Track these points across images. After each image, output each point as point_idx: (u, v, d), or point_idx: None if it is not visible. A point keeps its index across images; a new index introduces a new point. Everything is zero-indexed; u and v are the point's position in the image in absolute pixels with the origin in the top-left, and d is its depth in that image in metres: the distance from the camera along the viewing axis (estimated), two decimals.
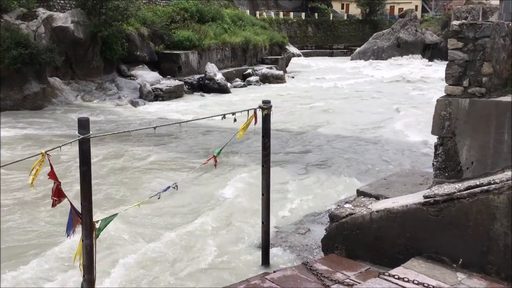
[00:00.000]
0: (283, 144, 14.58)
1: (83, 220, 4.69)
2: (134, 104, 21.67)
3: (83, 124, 4.53)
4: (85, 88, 22.35)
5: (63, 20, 22.29)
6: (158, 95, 23.27)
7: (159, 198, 5.87)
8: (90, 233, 4.73)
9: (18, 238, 7.80)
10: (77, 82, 22.53)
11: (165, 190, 5.83)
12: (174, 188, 5.86)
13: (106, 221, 5.03)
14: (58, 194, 4.52)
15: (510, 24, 6.19)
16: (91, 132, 4.58)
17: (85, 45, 22.55)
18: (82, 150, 4.56)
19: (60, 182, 4.52)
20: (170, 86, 24.10)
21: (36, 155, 4.34)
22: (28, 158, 4.50)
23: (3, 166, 4.52)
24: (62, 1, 27.30)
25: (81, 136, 4.50)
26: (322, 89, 28.89)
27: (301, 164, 12.51)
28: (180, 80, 25.49)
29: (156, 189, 8.52)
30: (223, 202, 9.45)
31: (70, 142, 4.58)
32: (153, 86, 23.50)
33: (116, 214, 5.26)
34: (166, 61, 26.48)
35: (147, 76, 24.32)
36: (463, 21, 5.70)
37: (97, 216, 5.12)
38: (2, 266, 6.68)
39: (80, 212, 4.69)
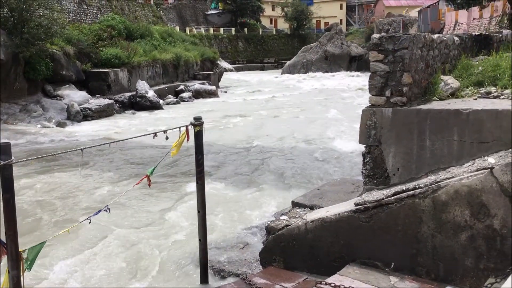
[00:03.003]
0: (219, 159, 14.56)
1: (8, 250, 4.44)
2: (62, 125, 20.87)
3: (4, 150, 4.31)
4: (8, 111, 21.26)
5: None
6: (87, 115, 22.57)
7: (90, 222, 5.67)
8: (16, 263, 4.49)
9: None
10: None
11: (96, 214, 5.64)
12: (106, 211, 5.68)
13: (34, 250, 4.79)
14: None
15: (427, 36, 6.56)
16: (13, 158, 4.37)
17: (6, 66, 21.49)
18: (4, 177, 4.34)
19: None
20: (99, 105, 23.47)
21: None
22: None
23: None
24: None
25: (3, 162, 4.28)
26: (255, 103, 29.22)
27: (238, 178, 12.54)
28: (110, 99, 24.89)
29: (87, 212, 8.23)
30: (160, 221, 9.28)
31: None
32: (82, 106, 22.77)
33: (44, 242, 5.01)
34: (95, 79, 25.76)
35: (74, 95, 23.53)
36: (383, 34, 5.97)
37: (25, 245, 4.86)
38: None
39: (5, 242, 4.45)
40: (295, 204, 7.22)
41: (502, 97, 6.02)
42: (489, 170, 4.67)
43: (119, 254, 7.77)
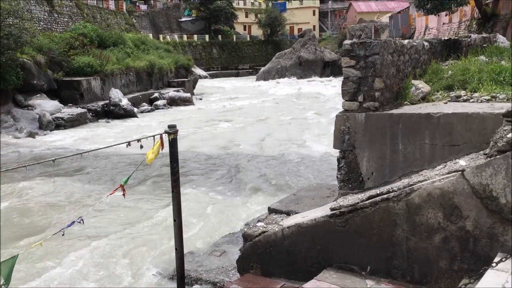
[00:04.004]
0: (194, 167, 14.48)
1: None
2: (33, 135, 20.47)
3: None
4: None
5: None
6: (60, 125, 22.23)
7: (63, 234, 5.55)
8: None
9: None
10: None
11: (69, 226, 5.53)
12: (79, 222, 5.57)
13: (7, 264, 4.66)
14: None
15: (397, 41, 6.66)
16: None
17: None
18: None
19: None
20: (72, 115, 23.15)
21: None
22: None
23: None
24: None
25: None
26: (230, 110, 29.20)
27: (214, 186, 12.50)
28: (82, 108, 24.58)
29: (60, 224, 8.07)
30: (135, 230, 9.18)
31: None
32: (54, 116, 22.41)
33: (16, 256, 4.89)
34: (67, 88, 25.40)
35: (46, 105, 23.13)
36: (354, 40, 6.04)
37: None
38: None
39: None
40: (271, 210, 7.22)
41: (471, 100, 6.15)
42: (460, 172, 4.75)
43: (93, 265, 7.64)
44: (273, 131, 20.76)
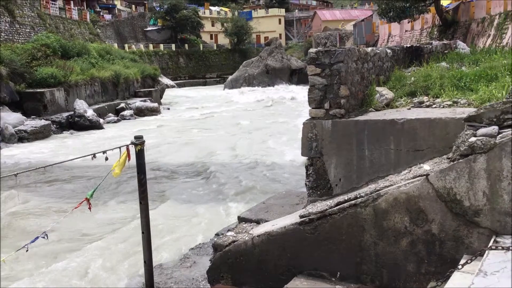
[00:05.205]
0: (163, 178, 14.32)
1: None
2: None
3: None
4: None
5: None
6: (23, 137, 21.70)
7: (27, 251, 5.39)
8: None
9: None
10: None
11: (33, 241, 5.38)
12: (43, 237, 5.43)
13: None
14: None
15: (361, 49, 6.77)
16: None
17: None
18: None
19: None
20: (35, 127, 22.61)
21: None
22: None
23: None
24: None
25: None
26: (198, 119, 29.07)
27: (183, 196, 12.38)
28: (46, 120, 24.04)
29: (24, 239, 7.83)
30: (102, 244, 9.00)
31: None
32: (16, 128, 21.85)
33: None
34: (30, 100, 24.83)
35: (8, 117, 22.52)
36: (319, 48, 6.10)
37: None
38: None
39: None
40: (241, 219, 7.19)
41: (434, 106, 6.29)
42: (425, 177, 4.84)
43: (59, 282, 7.43)
44: (242, 139, 20.76)
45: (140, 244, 7.16)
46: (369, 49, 7.19)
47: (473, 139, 4.48)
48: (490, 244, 4.25)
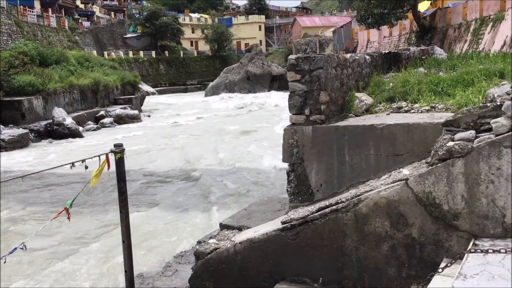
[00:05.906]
0: (144, 186, 14.20)
1: None
2: None
3: None
4: None
5: None
6: (0, 146, 21.31)
7: (5, 262, 5.27)
8: None
9: None
10: None
11: (11, 252, 5.27)
12: (22, 248, 5.32)
13: None
14: None
15: (340, 55, 6.83)
16: None
17: None
18: None
19: None
20: (13, 136, 22.25)
21: None
22: None
23: None
24: None
25: None
26: (179, 126, 28.94)
27: (164, 204, 12.28)
28: (24, 128, 23.70)
29: (1, 250, 7.66)
30: (83, 254, 8.87)
31: None
32: None
33: None
34: (7, 109, 24.45)
35: None
36: (299, 55, 6.14)
37: None
38: None
39: None
40: (223, 226, 7.16)
41: (412, 111, 6.37)
42: (404, 181, 4.89)
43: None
44: (224, 145, 20.72)
45: (121, 253, 7.08)
46: (348, 55, 7.25)
47: (451, 143, 4.54)
48: (469, 247, 4.30)
